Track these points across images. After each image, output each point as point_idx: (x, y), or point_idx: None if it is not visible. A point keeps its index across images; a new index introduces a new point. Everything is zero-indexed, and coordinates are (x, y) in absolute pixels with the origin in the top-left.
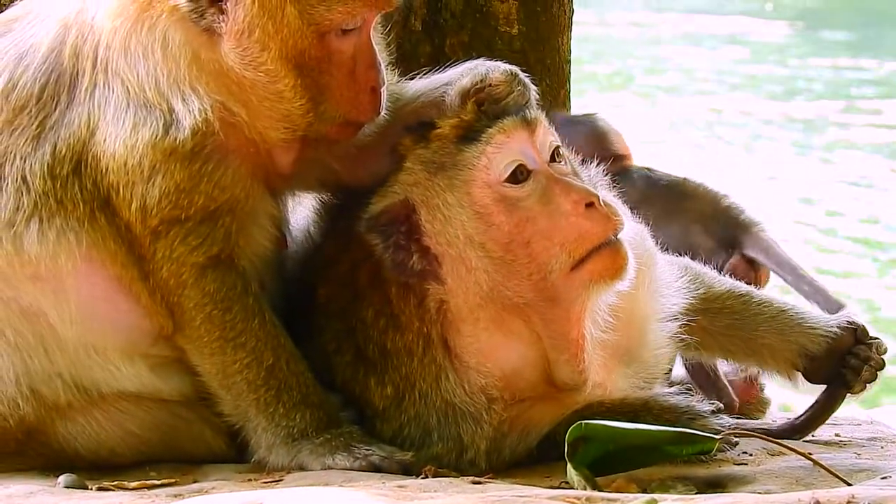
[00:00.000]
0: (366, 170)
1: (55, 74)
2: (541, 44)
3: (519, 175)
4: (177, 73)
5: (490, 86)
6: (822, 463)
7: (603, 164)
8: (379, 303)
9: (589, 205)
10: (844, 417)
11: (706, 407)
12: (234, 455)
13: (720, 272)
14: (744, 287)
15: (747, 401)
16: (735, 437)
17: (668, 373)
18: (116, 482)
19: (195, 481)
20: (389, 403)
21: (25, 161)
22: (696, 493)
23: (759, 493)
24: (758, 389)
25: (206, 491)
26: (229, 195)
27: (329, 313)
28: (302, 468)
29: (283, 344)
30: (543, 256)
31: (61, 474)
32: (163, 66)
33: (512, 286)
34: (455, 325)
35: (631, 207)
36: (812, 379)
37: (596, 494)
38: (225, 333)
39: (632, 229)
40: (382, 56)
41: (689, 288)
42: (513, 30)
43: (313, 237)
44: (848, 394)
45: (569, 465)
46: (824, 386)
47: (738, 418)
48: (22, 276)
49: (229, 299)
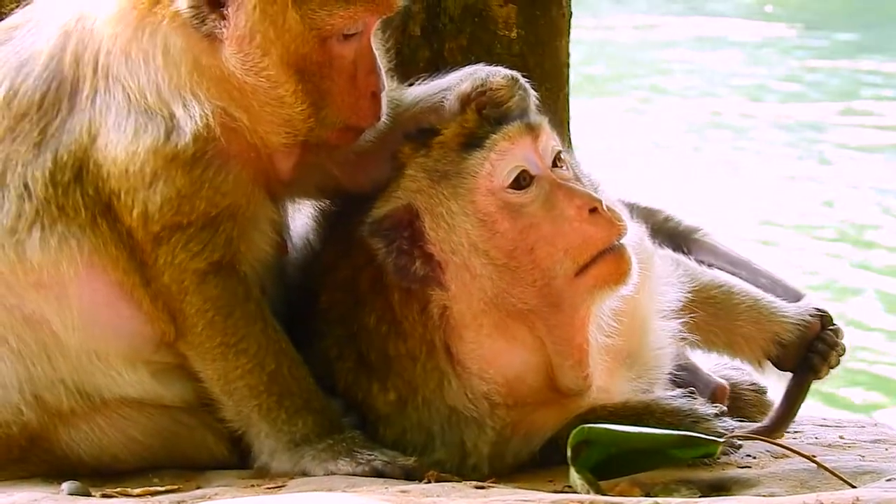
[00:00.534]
0: (365, 175)
1: (56, 82)
2: (540, 47)
3: (522, 181)
4: (178, 79)
5: (490, 90)
6: (827, 465)
7: None
8: (381, 308)
9: (592, 210)
10: (849, 420)
11: (709, 410)
12: (237, 461)
13: None
14: (723, 276)
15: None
16: (738, 440)
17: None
18: (120, 489)
19: (198, 487)
20: (392, 409)
21: (27, 168)
22: (700, 497)
23: (764, 497)
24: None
25: (210, 497)
26: (230, 201)
27: (330, 319)
28: (305, 474)
29: (285, 349)
30: (547, 262)
31: (65, 481)
32: (164, 72)
33: (516, 292)
34: (458, 331)
35: None
36: (782, 366)
37: (599, 498)
38: (227, 339)
39: (632, 231)
40: (382, 61)
41: (684, 282)
42: (511, 33)
43: (313, 243)
44: (814, 379)
45: (572, 469)
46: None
47: (741, 421)
48: (25, 284)
49: (231, 305)
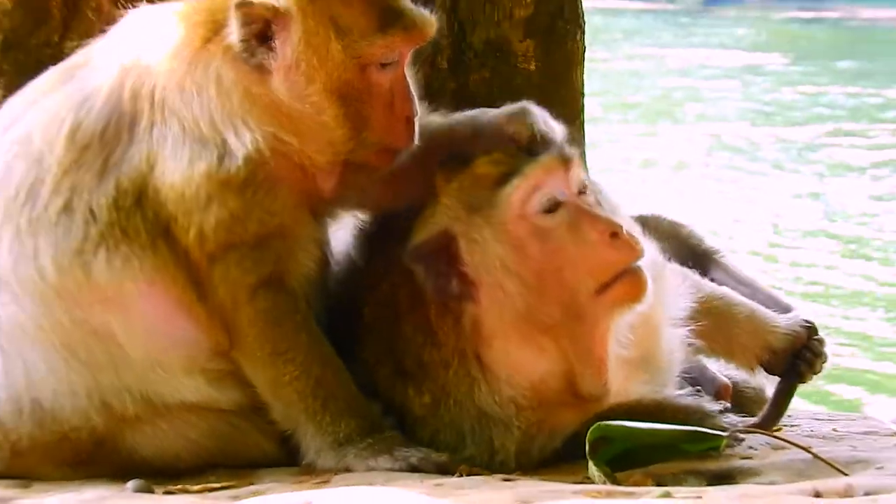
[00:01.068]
0: (400, 194)
1: (116, 115)
2: (556, 78)
3: (551, 207)
4: (230, 108)
5: (524, 126)
6: (822, 456)
7: None
8: (418, 320)
9: (613, 234)
10: (841, 413)
11: (715, 407)
12: (286, 459)
13: None
14: (721, 289)
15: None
16: (741, 434)
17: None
18: (180, 486)
19: (251, 484)
20: (426, 411)
21: (92, 195)
22: (707, 486)
23: (765, 485)
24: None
25: (262, 492)
26: (279, 221)
27: (372, 330)
28: (347, 470)
29: (329, 357)
30: (572, 282)
31: (130, 480)
32: (216, 103)
33: (543, 308)
34: (488, 341)
35: None
36: (771, 370)
37: (616, 488)
38: (276, 348)
39: (647, 249)
40: (415, 90)
41: (690, 293)
42: (531, 66)
43: (354, 259)
44: (800, 383)
45: (590, 463)
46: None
47: (743, 416)
48: (91, 300)
49: (280, 317)
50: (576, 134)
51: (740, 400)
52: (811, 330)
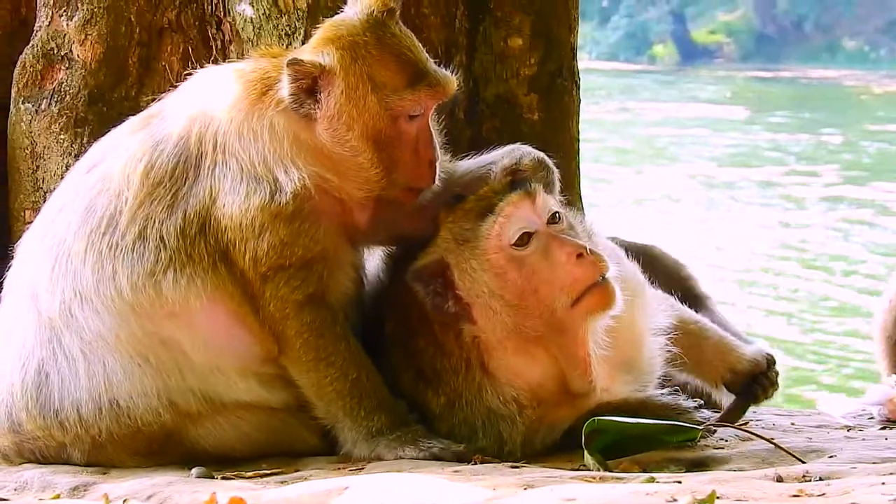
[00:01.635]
0: (423, 226)
1: (184, 156)
2: (556, 127)
3: (523, 239)
4: (281, 151)
5: (523, 167)
6: (783, 446)
7: None
8: (427, 334)
9: (579, 255)
10: (798, 410)
11: (691, 404)
12: (327, 449)
13: None
14: (697, 315)
15: None
16: (713, 427)
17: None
18: (236, 472)
19: (297, 470)
20: (443, 409)
21: (163, 224)
22: (685, 472)
23: (734, 471)
24: None
25: (306, 478)
26: (322, 247)
27: (393, 341)
28: (379, 458)
29: (363, 362)
30: (549, 299)
31: (193, 467)
32: (270, 146)
33: (528, 324)
34: (488, 352)
35: None
36: (730, 389)
37: (607, 474)
38: (319, 354)
39: (626, 267)
40: (438, 138)
41: (670, 313)
42: (534, 116)
43: (383, 280)
44: (752, 404)
45: (585, 452)
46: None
47: (715, 412)
48: (161, 314)
49: (322, 328)
50: (572, 175)
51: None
52: (770, 361)
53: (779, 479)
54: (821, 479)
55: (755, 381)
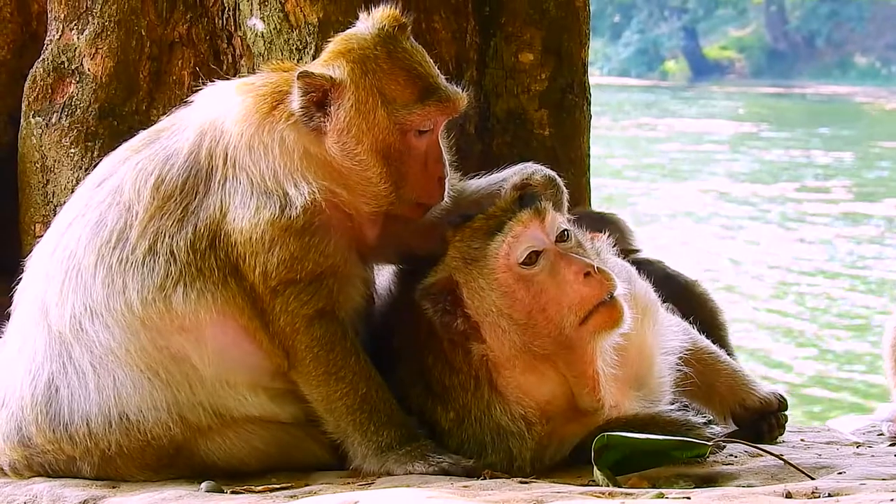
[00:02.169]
0: (431, 244)
1: (194, 170)
2: (566, 143)
3: (531, 258)
4: (291, 165)
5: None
6: (792, 462)
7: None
8: (436, 351)
9: (587, 274)
10: (808, 427)
11: (700, 420)
12: (336, 463)
13: None
14: (713, 346)
15: None
16: (723, 443)
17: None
18: (245, 486)
19: (307, 484)
20: (452, 425)
21: (173, 238)
22: (695, 488)
23: (744, 487)
24: None
25: (316, 492)
26: (332, 262)
27: (402, 357)
28: (388, 473)
29: (373, 377)
30: (557, 318)
31: (203, 481)
32: (280, 160)
33: (537, 342)
34: (497, 370)
35: None
36: (738, 423)
37: (616, 490)
38: (329, 369)
39: (637, 285)
40: (447, 154)
41: (680, 334)
42: (545, 132)
43: (392, 295)
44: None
45: (595, 467)
46: None
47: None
48: (171, 328)
49: (332, 342)
50: (582, 190)
51: None
52: (782, 404)
53: (788, 496)
54: (830, 496)
55: (762, 419)
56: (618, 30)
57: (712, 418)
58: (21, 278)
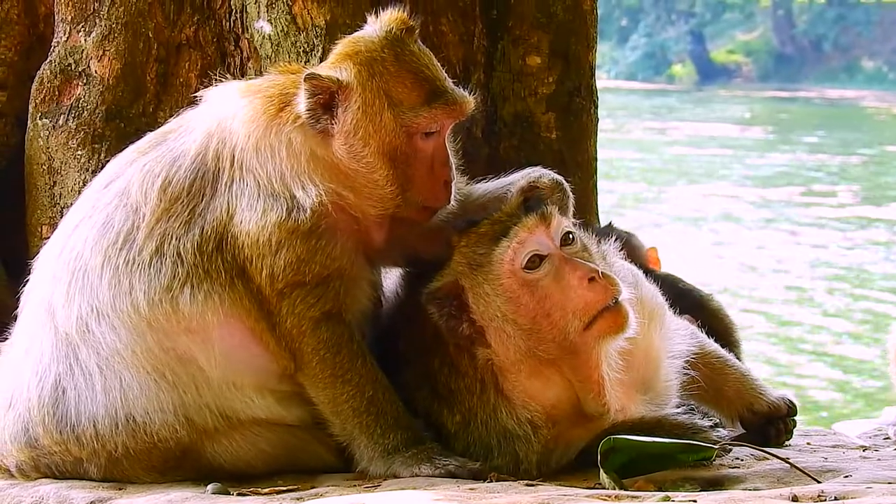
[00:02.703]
0: (437, 247)
1: (201, 172)
2: (574, 146)
3: (535, 262)
4: (298, 167)
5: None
6: (798, 465)
7: None
8: (442, 355)
9: (591, 279)
10: (814, 430)
11: (706, 423)
12: (343, 466)
13: None
14: (722, 351)
15: None
16: (729, 446)
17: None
18: (252, 489)
19: (313, 487)
20: (458, 428)
21: (180, 240)
22: (701, 491)
23: (750, 490)
24: None
25: (322, 495)
26: (339, 264)
27: (408, 360)
28: (395, 476)
29: (380, 379)
30: (561, 323)
31: (209, 483)
32: (287, 163)
33: (542, 347)
34: (503, 374)
35: None
36: (746, 427)
37: (623, 493)
38: (335, 372)
39: (644, 289)
40: (454, 158)
41: (688, 338)
42: (552, 135)
43: (400, 298)
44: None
45: (601, 470)
46: None
47: (731, 431)
48: (178, 330)
49: (338, 345)
50: (590, 193)
51: None
52: (791, 409)
53: (794, 499)
54: (836, 499)
55: (771, 424)
56: (625, 33)
57: (719, 421)
58: (28, 280)
